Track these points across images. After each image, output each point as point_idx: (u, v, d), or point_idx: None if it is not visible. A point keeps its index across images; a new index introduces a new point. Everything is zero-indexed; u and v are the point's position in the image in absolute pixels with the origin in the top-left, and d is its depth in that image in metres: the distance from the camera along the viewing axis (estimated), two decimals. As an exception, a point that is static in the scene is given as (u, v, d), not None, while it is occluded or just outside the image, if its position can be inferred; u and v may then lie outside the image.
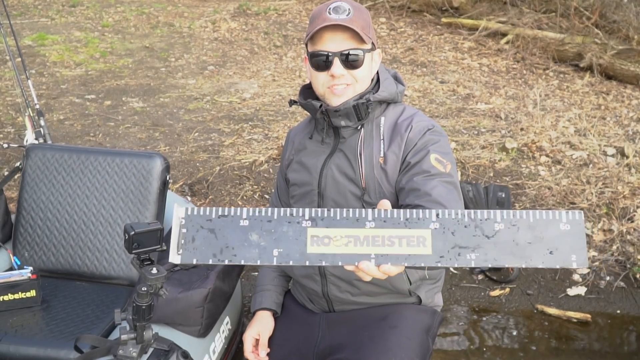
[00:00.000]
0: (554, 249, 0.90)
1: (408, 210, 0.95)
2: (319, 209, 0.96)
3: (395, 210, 0.95)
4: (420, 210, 0.94)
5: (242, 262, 0.93)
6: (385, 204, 1.01)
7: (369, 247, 0.93)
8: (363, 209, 0.95)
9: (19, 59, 2.96)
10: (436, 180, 1.45)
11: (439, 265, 0.91)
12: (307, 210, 0.95)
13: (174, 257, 0.94)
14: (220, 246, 0.94)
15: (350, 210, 0.95)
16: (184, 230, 0.95)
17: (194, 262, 0.94)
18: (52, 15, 9.66)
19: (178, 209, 0.96)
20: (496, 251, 0.90)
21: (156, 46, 8.07)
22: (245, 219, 0.95)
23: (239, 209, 0.96)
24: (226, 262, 0.93)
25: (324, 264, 0.92)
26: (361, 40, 1.51)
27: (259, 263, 0.93)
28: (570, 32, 7.29)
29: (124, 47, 7.99)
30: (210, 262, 0.94)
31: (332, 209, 0.95)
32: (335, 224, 0.94)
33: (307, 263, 0.92)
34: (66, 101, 5.84)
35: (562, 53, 6.98)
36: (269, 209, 0.97)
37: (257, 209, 0.96)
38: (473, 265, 0.91)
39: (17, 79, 2.85)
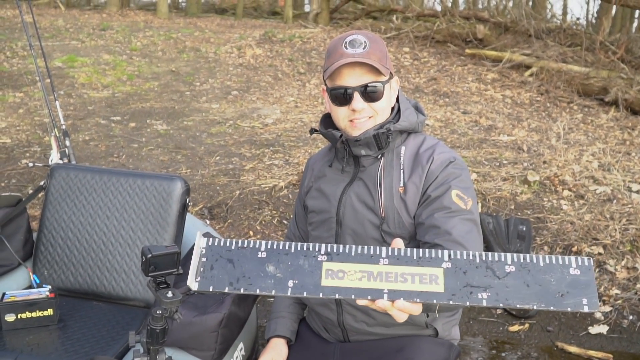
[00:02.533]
0: (564, 292, 0.91)
1: (421, 249, 0.97)
2: (335, 245, 0.98)
3: (408, 249, 0.97)
4: (433, 250, 0.97)
5: (257, 292, 0.96)
6: (399, 242, 1.04)
7: (382, 282, 0.95)
8: (377, 247, 0.98)
9: (48, 80, 3.03)
10: (457, 218, 1.44)
11: (451, 302, 0.92)
12: (323, 245, 0.99)
13: (192, 284, 0.97)
14: (237, 275, 0.97)
15: (365, 247, 0.98)
16: (204, 260, 0.98)
17: (210, 289, 0.96)
18: (83, 38, 9.92)
19: (200, 239, 0.99)
20: (507, 292, 0.92)
21: (182, 70, 8.22)
22: (263, 251, 0.99)
23: (258, 241, 1.00)
24: (242, 291, 0.96)
25: (337, 296, 0.95)
26: (379, 72, 1.52)
27: (273, 293, 0.95)
28: (596, 66, 7.26)
29: (151, 70, 8.15)
30: (227, 290, 0.96)
31: (347, 246, 0.98)
32: (350, 259, 0.97)
33: (321, 295, 0.95)
34: (92, 122, 5.95)
35: (587, 87, 6.94)
36: (287, 242, 1.00)
37: (276, 242, 0.99)
38: (485, 305, 0.92)
39: (45, 99, 2.91)
